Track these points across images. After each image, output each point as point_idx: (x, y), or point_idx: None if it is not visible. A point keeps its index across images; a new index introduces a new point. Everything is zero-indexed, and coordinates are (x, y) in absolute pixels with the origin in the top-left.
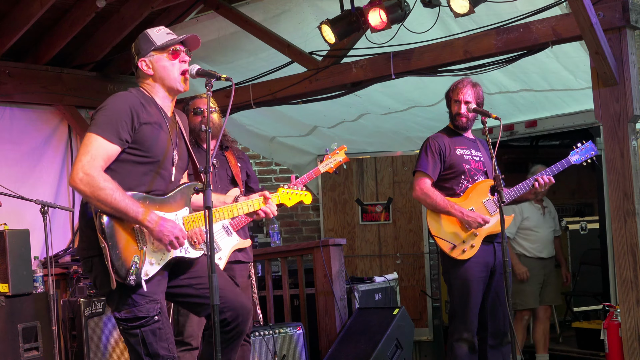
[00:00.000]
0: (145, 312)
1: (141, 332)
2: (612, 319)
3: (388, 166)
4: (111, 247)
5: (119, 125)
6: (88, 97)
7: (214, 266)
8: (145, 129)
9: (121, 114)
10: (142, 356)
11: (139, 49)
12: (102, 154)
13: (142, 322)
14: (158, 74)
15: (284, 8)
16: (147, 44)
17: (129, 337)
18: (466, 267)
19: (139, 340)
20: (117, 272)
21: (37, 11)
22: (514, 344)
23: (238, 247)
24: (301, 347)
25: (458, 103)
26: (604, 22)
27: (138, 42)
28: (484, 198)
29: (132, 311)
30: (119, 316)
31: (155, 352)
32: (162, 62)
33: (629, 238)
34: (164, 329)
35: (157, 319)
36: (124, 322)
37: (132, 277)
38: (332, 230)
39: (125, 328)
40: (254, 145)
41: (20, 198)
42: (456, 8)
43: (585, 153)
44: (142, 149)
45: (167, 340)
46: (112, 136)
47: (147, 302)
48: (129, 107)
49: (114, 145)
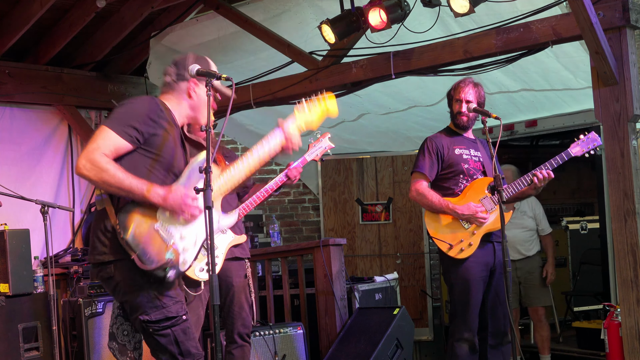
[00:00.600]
0: (174, 312)
1: (172, 331)
2: (612, 318)
3: (388, 166)
4: (141, 255)
5: (131, 123)
6: (88, 97)
7: (214, 266)
8: (162, 137)
9: (136, 114)
10: (176, 355)
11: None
12: (108, 145)
13: (173, 321)
14: (196, 103)
15: (284, 8)
16: (208, 74)
17: (160, 337)
18: (466, 267)
19: (172, 340)
20: (155, 276)
21: (37, 11)
22: (514, 344)
23: (234, 244)
24: (301, 347)
25: (459, 102)
26: (604, 22)
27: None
28: (481, 196)
29: (162, 312)
30: (150, 318)
31: (187, 350)
32: (205, 97)
33: (629, 238)
34: (191, 328)
35: (185, 318)
36: (154, 323)
37: (170, 274)
38: (332, 230)
39: (155, 330)
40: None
41: (20, 198)
42: (456, 8)
43: (587, 144)
44: (159, 154)
45: (195, 340)
46: (121, 131)
47: (174, 303)
48: (146, 110)
49: (122, 139)
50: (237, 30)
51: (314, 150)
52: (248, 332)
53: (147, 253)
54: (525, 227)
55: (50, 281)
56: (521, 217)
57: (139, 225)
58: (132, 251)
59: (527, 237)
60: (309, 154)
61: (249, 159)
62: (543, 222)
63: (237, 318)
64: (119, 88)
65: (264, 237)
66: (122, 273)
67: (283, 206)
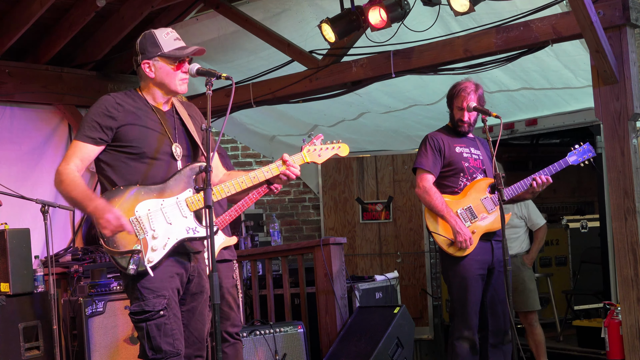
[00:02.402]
0: (151, 306)
1: (146, 325)
2: (612, 317)
3: (388, 165)
4: (108, 243)
5: (91, 126)
6: (88, 97)
7: (215, 265)
8: (128, 128)
9: (92, 116)
10: (146, 349)
11: (144, 48)
12: (76, 154)
13: (147, 315)
14: (159, 79)
15: (284, 7)
16: (154, 48)
17: (137, 330)
18: (464, 265)
19: (144, 334)
20: (118, 264)
21: (37, 10)
22: (515, 343)
23: (224, 245)
24: (302, 346)
25: (461, 111)
26: (604, 21)
27: (144, 41)
28: (482, 196)
29: (139, 305)
30: (130, 309)
31: (157, 346)
32: (165, 69)
33: (630, 236)
34: (169, 324)
35: (162, 313)
36: (132, 315)
37: (132, 267)
38: (332, 229)
39: (133, 321)
40: (254, 144)
41: (20, 197)
42: (456, 7)
43: (582, 154)
44: (129, 145)
45: (172, 336)
46: (84, 137)
47: (154, 296)
48: (101, 108)
49: (87, 144)
50: (237, 30)
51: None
52: (238, 330)
53: (114, 242)
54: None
55: (50, 280)
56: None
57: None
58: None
59: (510, 234)
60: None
61: (244, 179)
62: (533, 217)
63: (226, 318)
64: (119, 87)
65: (264, 236)
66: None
67: (283, 205)
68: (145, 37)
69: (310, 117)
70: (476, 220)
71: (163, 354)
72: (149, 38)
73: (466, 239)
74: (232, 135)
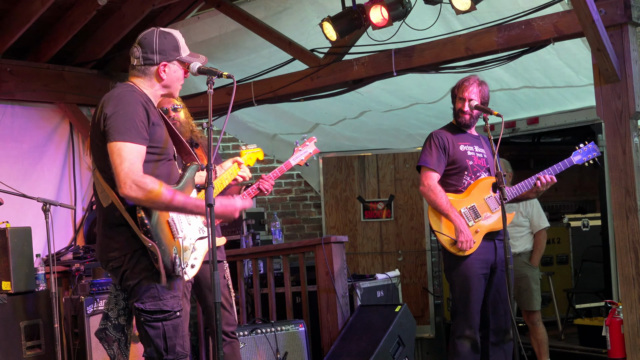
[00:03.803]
0: (169, 306)
1: (163, 325)
2: (614, 315)
3: (390, 163)
4: (158, 245)
5: (139, 126)
6: (90, 95)
7: (216, 264)
8: (156, 128)
9: (137, 115)
10: (160, 349)
11: (164, 50)
12: (137, 157)
13: (166, 315)
14: (168, 82)
15: (285, 5)
16: (175, 52)
17: (150, 328)
18: (466, 264)
19: (160, 334)
20: (166, 266)
21: (38, 9)
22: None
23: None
24: (303, 345)
25: (462, 101)
26: (605, 19)
27: (165, 42)
28: (486, 195)
29: (157, 304)
30: (143, 307)
31: (172, 347)
32: (178, 74)
33: (631, 235)
34: (182, 326)
35: (178, 314)
36: (147, 313)
37: (179, 268)
38: (333, 228)
39: (147, 320)
40: (256, 142)
41: (22, 196)
42: (457, 5)
43: (587, 154)
44: (156, 146)
45: (183, 339)
46: (137, 138)
47: (170, 297)
48: (142, 107)
49: (141, 146)
50: (238, 28)
51: (299, 154)
52: (233, 329)
53: (163, 244)
54: (512, 223)
55: (52, 279)
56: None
57: (159, 215)
58: (152, 240)
59: (514, 232)
60: (294, 159)
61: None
62: (535, 219)
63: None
64: None
65: (265, 235)
66: (131, 261)
67: (285, 204)
68: (165, 37)
69: (312, 116)
70: (480, 219)
71: (175, 355)
72: (170, 40)
73: (467, 240)
74: (233, 134)
